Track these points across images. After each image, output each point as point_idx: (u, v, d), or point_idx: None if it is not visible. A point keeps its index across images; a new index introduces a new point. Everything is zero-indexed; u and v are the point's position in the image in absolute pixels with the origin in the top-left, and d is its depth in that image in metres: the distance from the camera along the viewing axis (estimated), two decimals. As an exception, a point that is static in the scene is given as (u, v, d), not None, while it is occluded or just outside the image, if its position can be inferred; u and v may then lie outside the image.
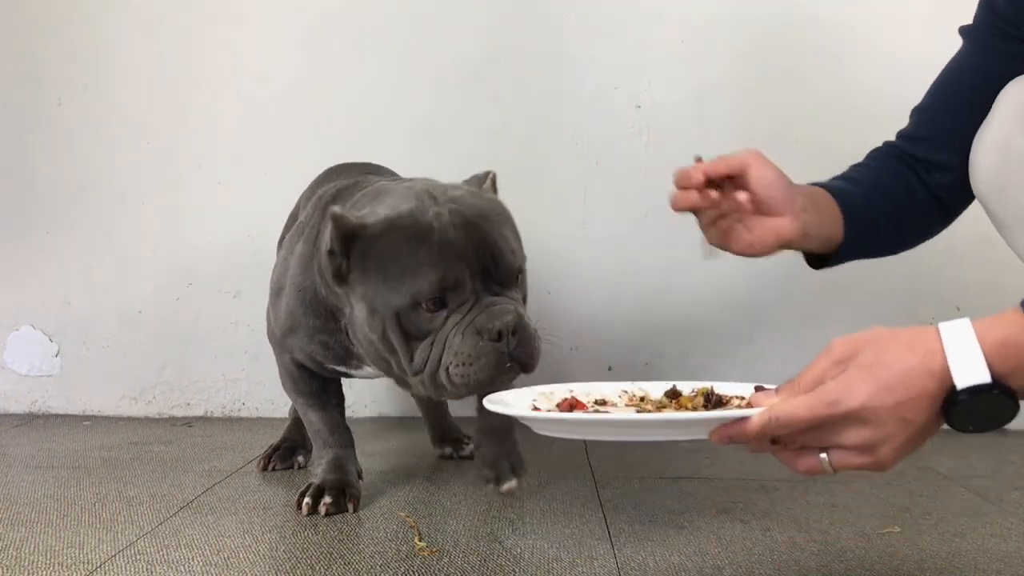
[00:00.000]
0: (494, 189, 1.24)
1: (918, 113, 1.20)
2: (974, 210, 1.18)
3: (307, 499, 1.26)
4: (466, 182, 1.24)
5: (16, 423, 1.99)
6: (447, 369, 1.06)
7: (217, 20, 2.08)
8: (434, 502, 1.34)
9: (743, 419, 0.75)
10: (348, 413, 1.42)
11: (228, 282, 2.07)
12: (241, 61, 2.07)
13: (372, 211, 1.13)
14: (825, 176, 1.18)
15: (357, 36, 2.06)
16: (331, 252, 1.11)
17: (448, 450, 1.65)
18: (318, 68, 2.06)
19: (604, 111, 2.02)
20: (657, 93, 2.02)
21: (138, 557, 1.08)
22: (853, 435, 0.73)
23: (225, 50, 2.08)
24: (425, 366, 1.08)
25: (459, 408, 1.62)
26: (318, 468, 1.32)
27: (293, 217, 1.58)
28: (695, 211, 1.05)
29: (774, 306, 2.00)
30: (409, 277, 1.06)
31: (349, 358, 1.26)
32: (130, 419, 2.05)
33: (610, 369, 2.02)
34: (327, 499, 1.25)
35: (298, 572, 1.04)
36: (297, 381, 1.35)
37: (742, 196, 1.00)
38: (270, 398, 2.05)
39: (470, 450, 1.59)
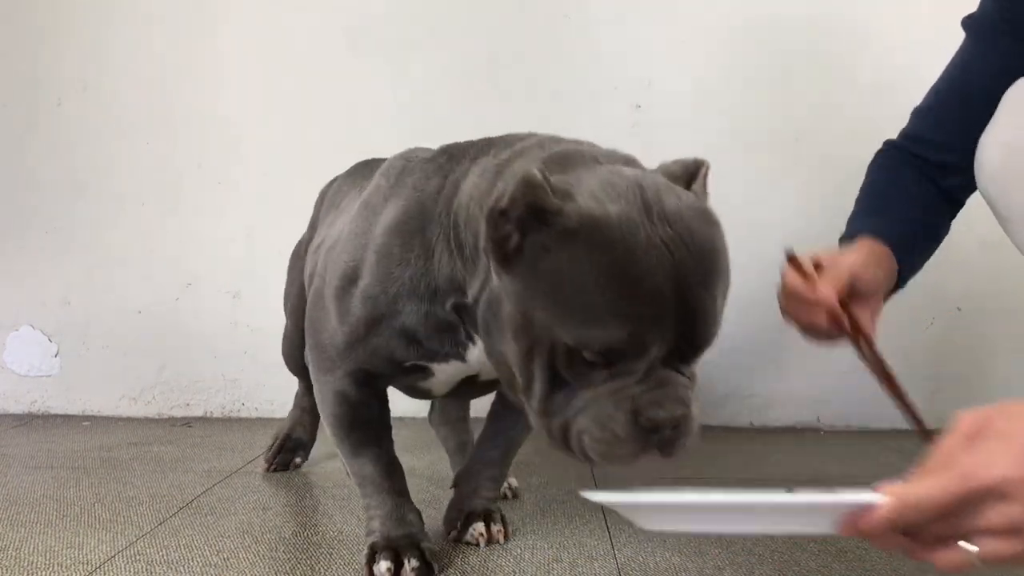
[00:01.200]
0: (704, 190, 0.91)
1: (924, 114, 1.19)
2: (975, 212, 1.18)
3: (386, 563, 1.02)
4: (667, 168, 0.91)
5: (16, 423, 1.99)
6: (581, 434, 0.83)
7: (217, 20, 2.08)
8: (435, 502, 1.33)
9: (869, 507, 0.66)
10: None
11: (228, 282, 2.07)
12: (241, 61, 2.07)
13: (575, 191, 0.82)
14: (825, 176, 1.17)
15: (358, 36, 2.06)
16: (503, 213, 0.82)
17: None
18: (318, 68, 2.06)
19: (604, 111, 2.02)
20: (657, 93, 2.02)
21: (138, 557, 1.08)
22: (995, 515, 0.64)
23: (225, 50, 2.08)
24: (556, 414, 0.84)
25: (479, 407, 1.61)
26: (374, 522, 1.08)
27: (312, 227, 1.47)
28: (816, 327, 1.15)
29: (776, 305, 2.00)
30: (584, 315, 0.79)
31: (439, 352, 1.02)
32: (130, 419, 2.05)
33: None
34: (413, 563, 1.02)
35: (298, 572, 1.04)
36: (354, 408, 1.08)
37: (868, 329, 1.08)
38: (269, 398, 2.05)
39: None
